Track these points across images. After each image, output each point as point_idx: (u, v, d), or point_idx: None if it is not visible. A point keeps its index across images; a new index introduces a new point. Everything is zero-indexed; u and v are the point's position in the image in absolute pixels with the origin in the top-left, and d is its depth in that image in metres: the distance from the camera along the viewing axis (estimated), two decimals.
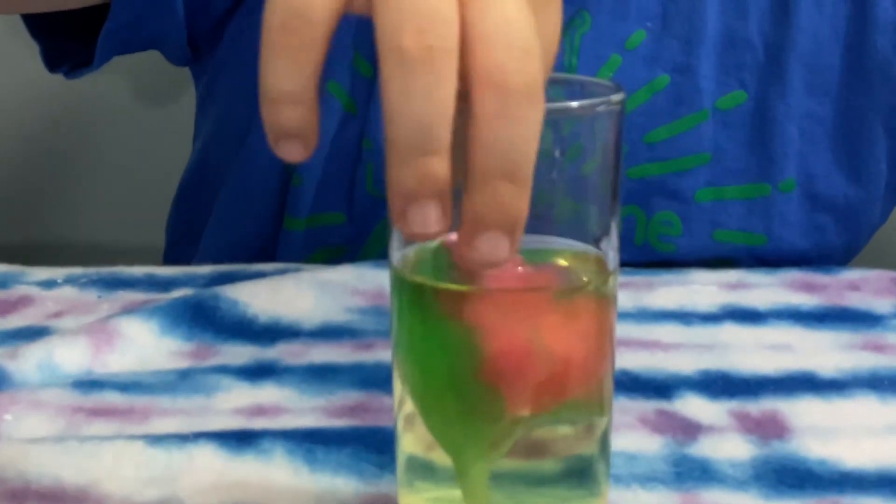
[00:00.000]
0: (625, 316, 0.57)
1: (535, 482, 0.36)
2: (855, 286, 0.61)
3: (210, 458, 0.43)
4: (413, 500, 0.37)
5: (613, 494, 0.41)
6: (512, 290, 0.34)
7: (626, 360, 0.52)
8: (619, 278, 0.37)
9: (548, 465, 0.36)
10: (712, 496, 0.42)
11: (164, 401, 0.49)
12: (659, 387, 0.50)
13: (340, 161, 0.67)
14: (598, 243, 0.35)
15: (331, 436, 0.45)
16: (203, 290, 0.58)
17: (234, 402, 0.49)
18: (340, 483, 0.42)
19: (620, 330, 0.41)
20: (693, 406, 0.48)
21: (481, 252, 0.30)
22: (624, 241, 0.44)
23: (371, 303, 0.58)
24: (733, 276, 0.63)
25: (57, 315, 0.58)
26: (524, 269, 0.34)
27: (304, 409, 0.48)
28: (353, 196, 0.68)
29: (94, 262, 0.65)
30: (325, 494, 0.42)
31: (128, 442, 0.44)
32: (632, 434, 0.46)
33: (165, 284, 0.62)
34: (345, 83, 0.66)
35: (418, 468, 0.37)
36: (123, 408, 0.48)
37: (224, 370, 0.52)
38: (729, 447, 0.45)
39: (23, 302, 0.60)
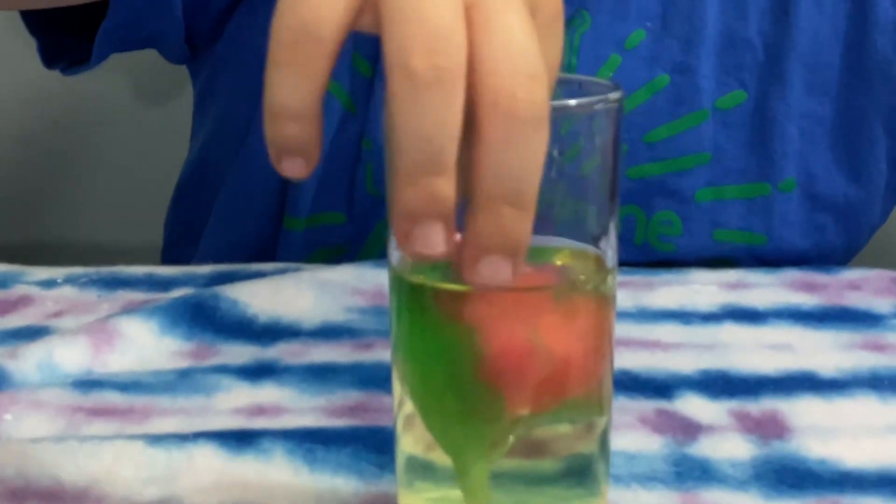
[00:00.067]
0: (625, 315, 0.57)
1: (534, 481, 0.36)
2: (855, 286, 0.61)
3: (210, 458, 0.43)
4: (413, 500, 0.37)
5: (613, 494, 0.41)
6: (511, 289, 0.34)
7: (626, 360, 0.52)
8: (618, 278, 0.37)
9: (548, 464, 0.36)
10: (712, 496, 0.42)
11: (163, 400, 0.49)
12: (659, 386, 0.50)
13: (340, 161, 0.67)
14: (596, 242, 0.35)
15: (331, 435, 0.45)
16: (203, 290, 0.58)
17: (233, 402, 0.49)
18: (340, 483, 0.42)
19: (620, 329, 0.42)
20: (693, 406, 0.48)
21: (483, 275, 0.30)
22: (624, 240, 0.44)
23: (371, 302, 0.58)
24: (733, 275, 0.63)
25: (57, 315, 0.58)
26: (523, 269, 0.34)
27: (304, 408, 0.48)
28: (353, 196, 0.68)
29: (94, 262, 0.65)
30: (324, 494, 0.42)
31: (128, 442, 0.44)
32: (632, 434, 0.46)
33: (165, 284, 0.62)
34: (345, 83, 0.66)
35: (418, 468, 0.37)
36: (123, 407, 0.48)
37: (224, 370, 0.52)
38: (729, 447, 0.45)
39: (23, 301, 0.60)
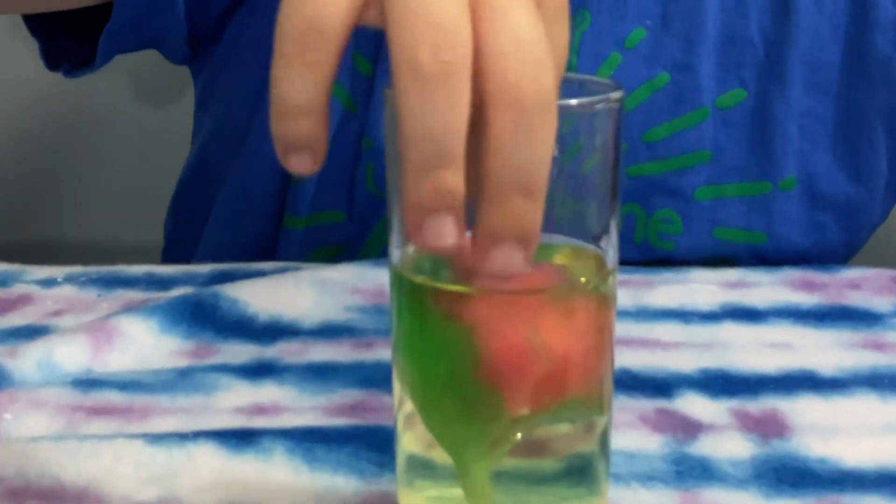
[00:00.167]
0: (624, 314, 0.57)
1: (535, 481, 0.36)
2: (855, 285, 0.61)
3: (210, 457, 0.43)
4: (413, 499, 0.37)
5: (613, 493, 0.41)
6: (511, 289, 0.34)
7: (626, 359, 0.52)
8: (618, 277, 0.37)
9: (548, 463, 0.36)
10: (712, 495, 0.42)
11: (163, 399, 0.49)
12: (659, 385, 0.50)
13: (340, 160, 0.67)
14: (597, 242, 0.35)
15: (331, 434, 0.45)
16: (203, 289, 0.58)
17: (233, 401, 0.49)
18: (340, 482, 0.42)
19: (620, 328, 0.41)
20: (693, 405, 0.48)
21: (497, 264, 0.31)
22: (624, 239, 0.44)
23: (371, 301, 0.58)
24: (733, 274, 0.63)
25: (57, 314, 0.58)
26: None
27: (304, 407, 0.48)
28: (353, 195, 0.68)
29: (94, 261, 0.65)
30: (324, 493, 0.42)
31: (127, 441, 0.44)
32: (632, 433, 0.46)
33: (165, 283, 0.62)
34: (345, 82, 0.66)
35: (418, 467, 0.37)
36: (123, 406, 0.48)
37: (224, 369, 0.52)
38: (729, 446, 0.45)
39: (22, 300, 0.60)
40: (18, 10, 0.66)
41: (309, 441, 0.44)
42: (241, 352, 0.54)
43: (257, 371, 0.52)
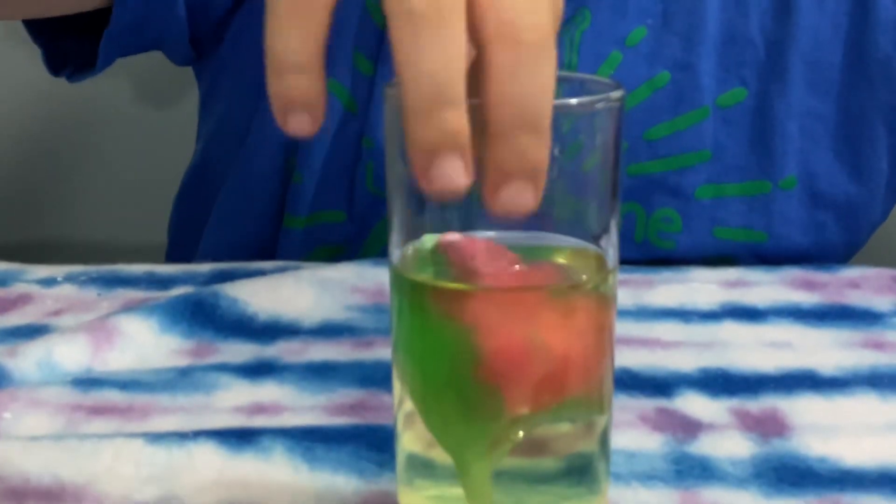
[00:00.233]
0: (624, 314, 0.57)
1: (535, 480, 0.36)
2: (855, 284, 0.61)
3: (210, 456, 0.43)
4: (413, 498, 0.37)
5: (613, 492, 0.41)
6: (511, 288, 0.34)
7: (626, 358, 0.52)
8: (618, 276, 0.36)
9: (548, 463, 0.36)
10: (712, 494, 0.42)
11: (163, 399, 0.49)
12: (659, 385, 0.50)
13: (341, 159, 0.67)
14: (597, 241, 0.35)
15: (331, 434, 0.45)
16: (203, 288, 0.58)
17: (233, 400, 0.49)
18: (340, 481, 0.42)
19: (620, 328, 0.41)
20: (693, 404, 0.48)
21: (507, 202, 0.30)
22: (624, 238, 0.44)
23: (371, 301, 0.58)
24: (733, 273, 0.63)
25: (56, 313, 0.58)
26: (523, 268, 0.34)
27: (304, 407, 0.48)
28: (354, 194, 0.68)
29: (94, 261, 0.65)
30: (324, 492, 0.42)
31: (127, 440, 0.44)
32: (632, 432, 0.46)
33: (165, 282, 0.62)
34: (345, 82, 0.66)
35: (418, 466, 0.37)
36: (123, 406, 0.48)
37: (224, 368, 0.52)
38: (729, 445, 0.45)
39: (22, 300, 0.60)
40: (20, 16, 0.66)
41: (309, 440, 0.44)
42: (241, 351, 0.54)
43: (257, 370, 0.52)
